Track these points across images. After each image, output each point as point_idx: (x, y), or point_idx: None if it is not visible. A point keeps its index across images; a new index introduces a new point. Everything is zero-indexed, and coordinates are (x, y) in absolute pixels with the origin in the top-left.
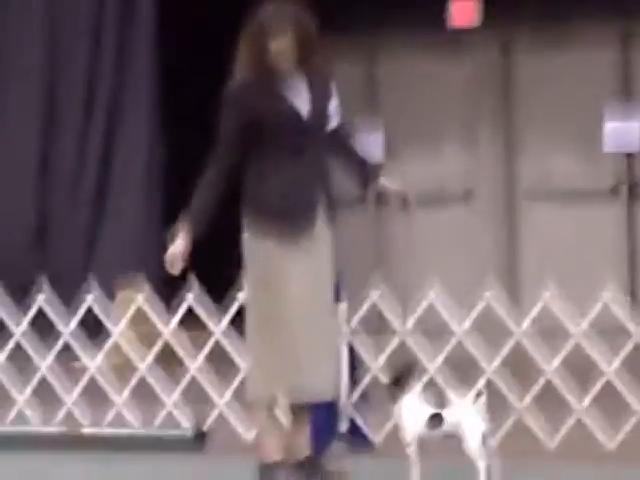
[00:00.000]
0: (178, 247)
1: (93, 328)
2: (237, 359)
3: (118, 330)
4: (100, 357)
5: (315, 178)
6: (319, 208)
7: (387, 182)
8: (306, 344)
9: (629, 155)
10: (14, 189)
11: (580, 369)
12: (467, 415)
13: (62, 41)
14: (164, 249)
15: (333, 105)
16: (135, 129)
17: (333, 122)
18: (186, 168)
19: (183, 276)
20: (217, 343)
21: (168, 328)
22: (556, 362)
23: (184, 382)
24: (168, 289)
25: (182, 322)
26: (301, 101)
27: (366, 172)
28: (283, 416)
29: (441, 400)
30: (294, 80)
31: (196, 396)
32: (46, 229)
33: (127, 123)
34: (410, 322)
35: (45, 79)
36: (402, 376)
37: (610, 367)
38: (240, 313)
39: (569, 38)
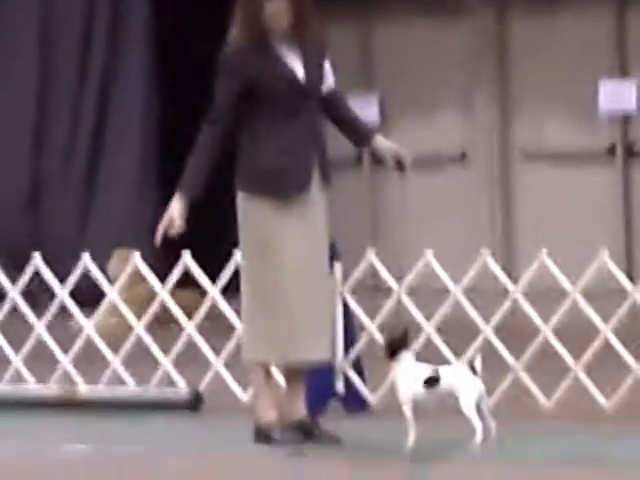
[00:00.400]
0: (174, 210)
1: (87, 295)
2: (234, 320)
3: (114, 290)
4: (96, 318)
5: (310, 140)
6: (314, 170)
7: (382, 141)
8: (301, 306)
9: (624, 116)
10: (8, 156)
11: (577, 329)
12: (463, 375)
13: (56, 9)
14: (159, 219)
15: (327, 67)
16: (130, 97)
17: (327, 83)
18: (181, 137)
19: (178, 249)
20: (214, 304)
21: (165, 288)
22: (553, 322)
23: (180, 342)
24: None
25: (179, 284)
26: (296, 63)
27: (361, 131)
28: (279, 377)
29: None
30: (289, 42)
31: (193, 357)
32: (40, 196)
33: (121, 91)
34: (406, 282)
35: (40, 48)
36: (398, 336)
37: (607, 326)
38: (237, 275)
39: (564, 4)
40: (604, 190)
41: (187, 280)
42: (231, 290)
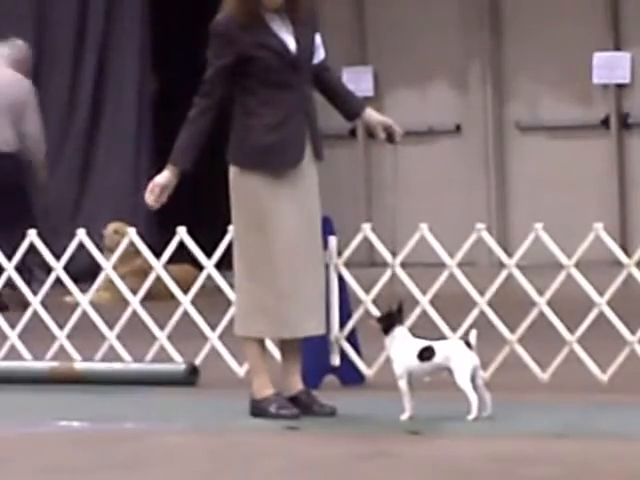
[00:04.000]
0: (161, 177)
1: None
2: (229, 294)
3: (110, 264)
4: (92, 292)
5: (302, 113)
6: (306, 143)
7: (372, 114)
8: (295, 280)
9: (619, 86)
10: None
11: (572, 302)
12: (458, 349)
13: None
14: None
15: (318, 40)
16: (125, 74)
17: (319, 55)
18: (177, 114)
19: (174, 225)
20: (209, 278)
21: (160, 262)
22: (548, 294)
23: (176, 316)
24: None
25: (174, 260)
26: (288, 36)
27: (352, 104)
28: (274, 351)
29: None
30: (281, 16)
31: (188, 332)
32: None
33: (117, 69)
34: (401, 255)
35: (35, 27)
36: (393, 310)
37: (602, 298)
38: (231, 250)
39: None
40: (599, 162)
41: (182, 256)
42: (225, 266)
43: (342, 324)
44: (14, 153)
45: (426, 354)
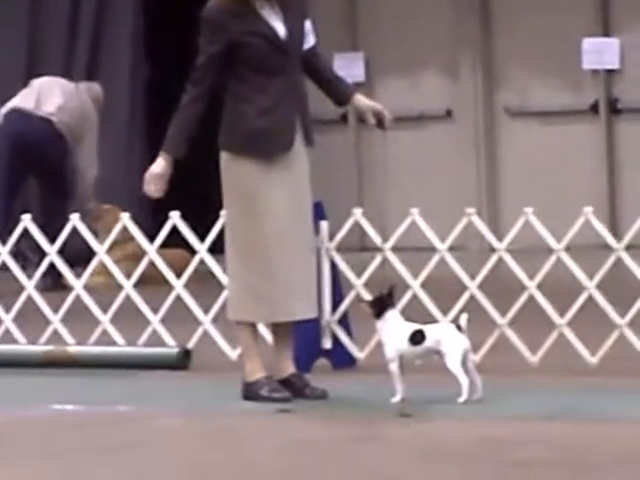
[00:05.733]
0: (157, 167)
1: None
2: (222, 278)
3: (103, 249)
4: (85, 276)
5: (293, 99)
6: (297, 129)
7: (362, 99)
8: (286, 264)
9: (608, 72)
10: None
11: (562, 286)
12: (448, 333)
13: None
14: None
15: (308, 26)
16: (118, 61)
17: (309, 41)
18: (169, 101)
19: (167, 211)
20: (201, 263)
21: (153, 247)
22: (538, 278)
23: (169, 301)
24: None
25: (167, 244)
26: (278, 22)
27: (341, 90)
28: (267, 334)
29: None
30: (270, 1)
31: (181, 316)
32: None
33: (109, 56)
34: (392, 240)
35: (29, 15)
36: (384, 294)
37: (592, 282)
38: (223, 236)
39: None
40: (588, 147)
41: (175, 240)
42: (218, 250)
43: (334, 308)
44: (61, 132)
45: (417, 337)
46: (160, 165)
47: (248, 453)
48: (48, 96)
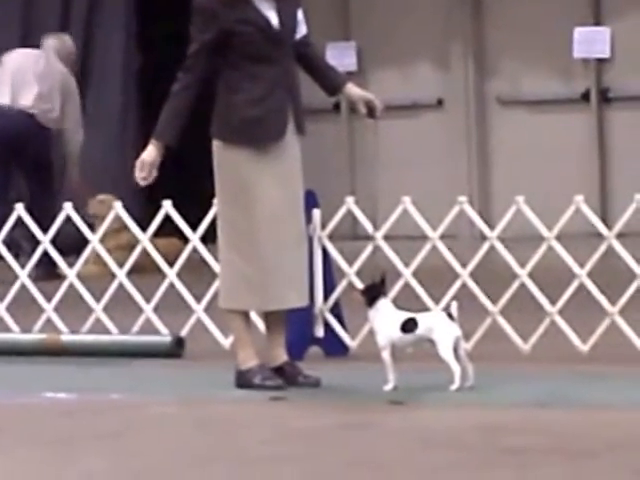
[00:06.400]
0: (147, 154)
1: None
2: (214, 266)
3: (97, 238)
4: (79, 265)
5: (285, 88)
6: (289, 116)
7: (353, 88)
8: (277, 252)
9: (599, 61)
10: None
11: (553, 274)
12: (440, 321)
13: None
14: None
15: (300, 14)
16: (110, 48)
17: (301, 31)
18: (161, 88)
19: (159, 199)
20: (194, 252)
21: (146, 235)
22: (529, 266)
23: (162, 288)
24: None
25: (160, 233)
26: (270, 11)
27: (333, 79)
28: (259, 322)
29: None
30: None
31: (175, 304)
32: None
33: (101, 42)
34: (384, 228)
35: (21, 1)
36: (376, 283)
37: (583, 270)
38: (216, 222)
39: None
40: (579, 136)
41: (168, 229)
42: (211, 239)
43: (326, 296)
44: (43, 124)
45: (409, 326)
46: (150, 152)
47: (241, 441)
48: (22, 87)
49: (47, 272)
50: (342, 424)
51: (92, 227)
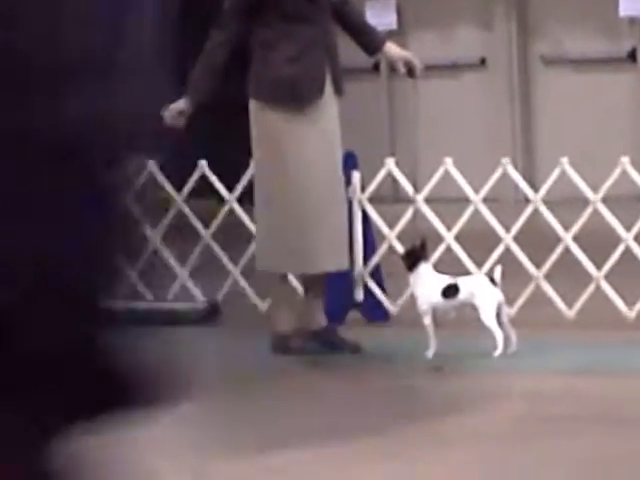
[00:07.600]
0: (178, 105)
1: None
2: (252, 228)
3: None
4: None
5: (322, 47)
6: (327, 77)
7: (393, 48)
8: (316, 213)
9: None
10: None
11: (598, 237)
12: (482, 286)
13: None
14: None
15: None
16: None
17: None
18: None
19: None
20: (231, 213)
21: (181, 195)
22: (574, 230)
23: (197, 251)
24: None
25: (196, 194)
26: None
27: (372, 39)
28: (297, 286)
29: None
30: None
31: (209, 269)
32: None
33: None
34: (425, 191)
35: None
36: (417, 247)
37: (629, 234)
38: (252, 186)
39: None
40: (625, 95)
41: (204, 190)
42: (247, 202)
43: (366, 260)
44: None
45: (450, 291)
46: (180, 103)
47: (278, 407)
48: None
49: None
50: (382, 389)
51: None
